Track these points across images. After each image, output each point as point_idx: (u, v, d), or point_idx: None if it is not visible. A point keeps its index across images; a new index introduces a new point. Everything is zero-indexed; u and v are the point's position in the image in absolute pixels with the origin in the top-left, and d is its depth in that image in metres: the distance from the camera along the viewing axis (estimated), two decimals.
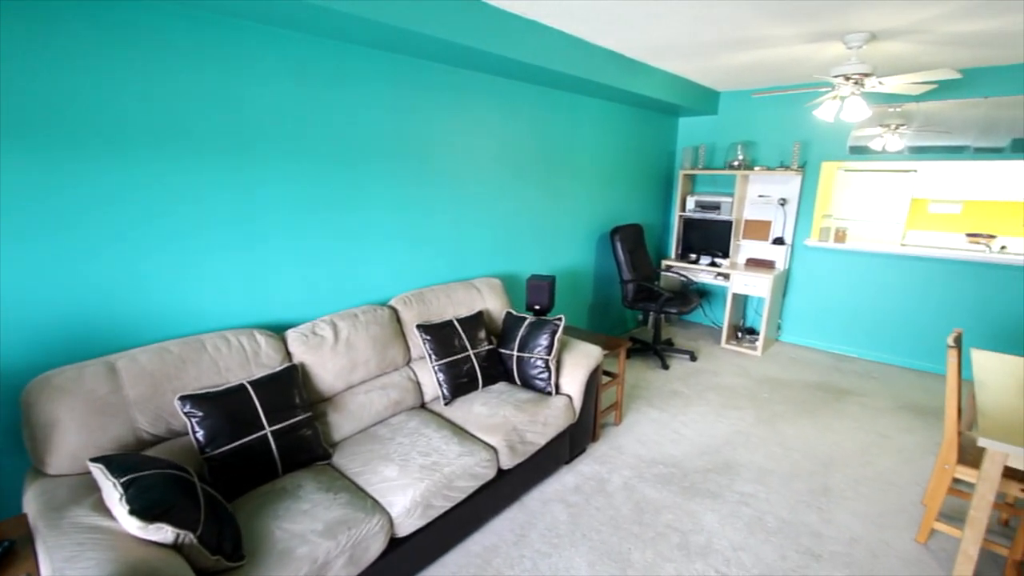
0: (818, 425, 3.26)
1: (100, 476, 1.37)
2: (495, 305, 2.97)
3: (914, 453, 2.95)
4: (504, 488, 2.28)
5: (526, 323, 2.71)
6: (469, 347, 2.60)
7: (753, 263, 4.71)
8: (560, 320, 2.64)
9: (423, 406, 2.55)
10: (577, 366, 2.67)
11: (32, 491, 1.50)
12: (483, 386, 2.62)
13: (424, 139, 2.77)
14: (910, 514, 2.41)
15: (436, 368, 2.49)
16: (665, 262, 5.01)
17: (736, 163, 4.64)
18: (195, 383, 1.84)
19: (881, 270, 4.26)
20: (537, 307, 3.15)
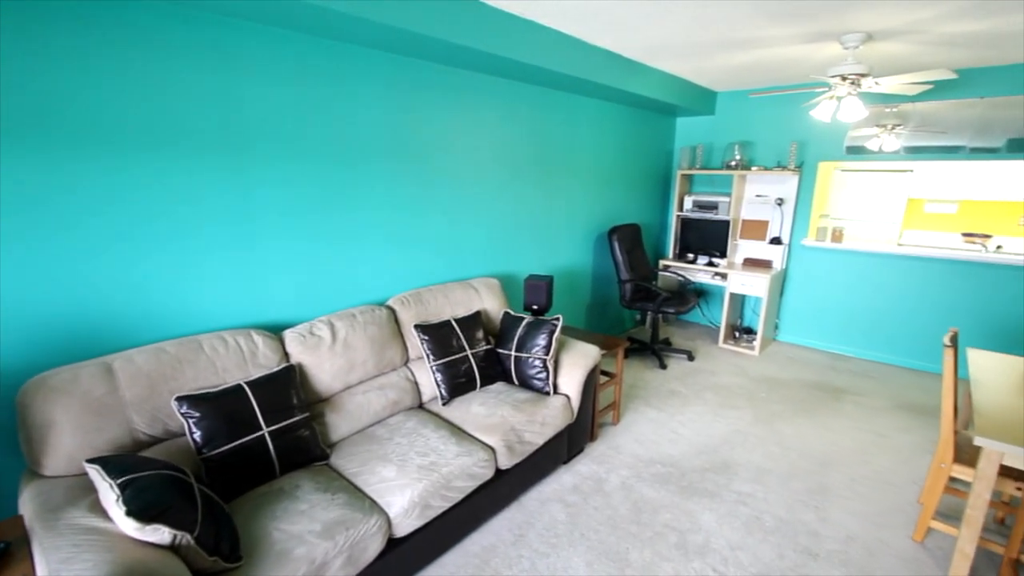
0: (815, 424, 3.27)
1: (97, 477, 1.36)
2: (493, 305, 2.97)
3: (911, 452, 2.96)
4: (502, 488, 2.28)
5: (524, 323, 2.71)
6: (467, 347, 2.60)
7: (750, 263, 4.72)
8: (558, 320, 2.64)
9: (421, 406, 2.55)
10: (575, 366, 2.67)
11: (28, 492, 1.49)
12: (481, 386, 2.62)
13: (422, 139, 2.77)
14: (907, 513, 2.42)
15: (434, 368, 2.49)
16: (663, 262, 5.02)
17: (733, 163, 4.65)
18: (192, 384, 1.83)
19: (878, 270, 4.27)
20: (535, 307, 3.15)
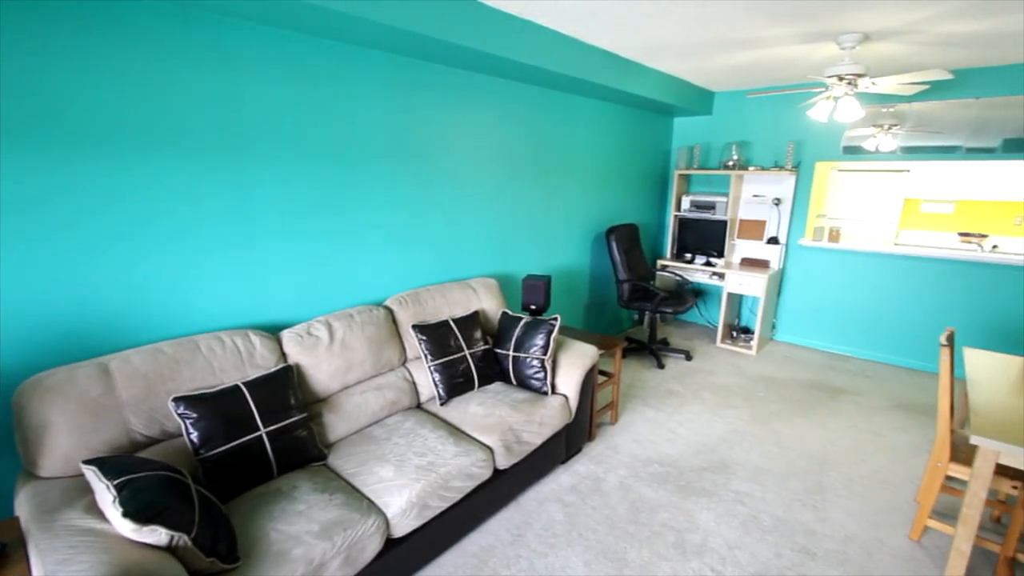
0: (813, 424, 3.27)
1: (93, 478, 1.35)
2: (491, 305, 2.97)
3: (907, 451, 2.97)
4: (500, 488, 2.28)
5: (522, 323, 2.71)
6: (465, 347, 2.60)
7: (748, 263, 4.73)
8: (556, 320, 2.64)
9: (419, 406, 2.55)
10: (573, 366, 2.68)
11: (24, 494, 1.49)
12: (479, 386, 2.62)
13: (421, 139, 2.77)
14: (904, 512, 2.43)
15: (432, 368, 2.49)
16: (660, 262, 5.02)
17: (731, 163, 4.66)
18: (189, 384, 1.83)
19: (875, 269, 4.29)
20: (533, 307, 3.15)
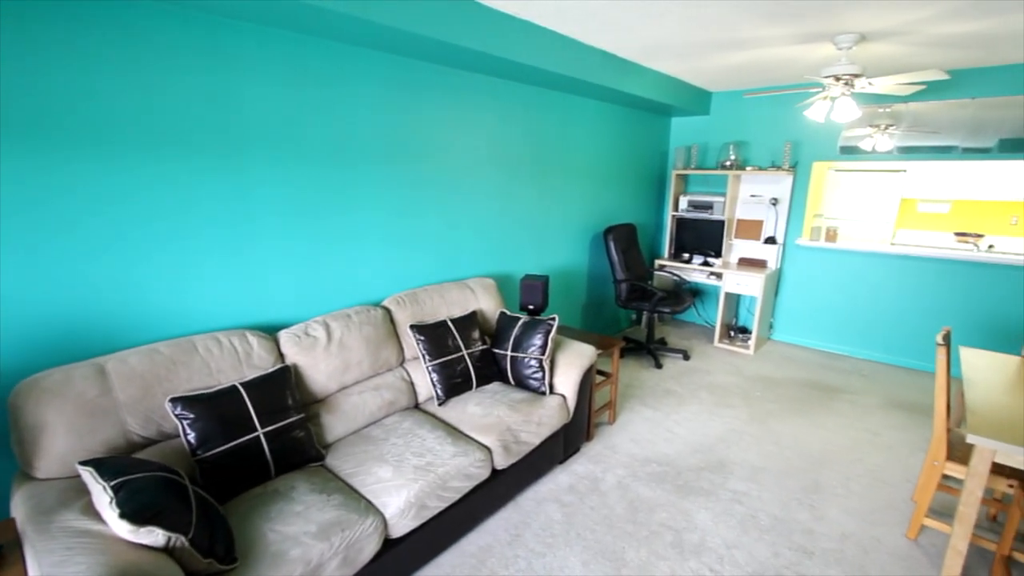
0: (810, 423, 3.28)
1: (90, 479, 1.35)
2: (489, 305, 2.97)
3: (904, 450, 2.98)
4: (498, 488, 2.28)
5: (520, 323, 2.71)
6: (463, 347, 2.60)
7: (745, 262, 4.74)
8: (554, 320, 2.64)
9: (417, 407, 2.55)
10: (571, 366, 2.68)
11: (20, 495, 1.48)
12: (477, 386, 2.62)
13: (418, 139, 2.77)
14: (900, 511, 2.44)
15: (430, 368, 2.49)
16: (658, 261, 5.03)
17: (728, 163, 4.67)
18: (186, 385, 1.82)
19: (871, 269, 4.30)
20: (531, 307, 3.15)
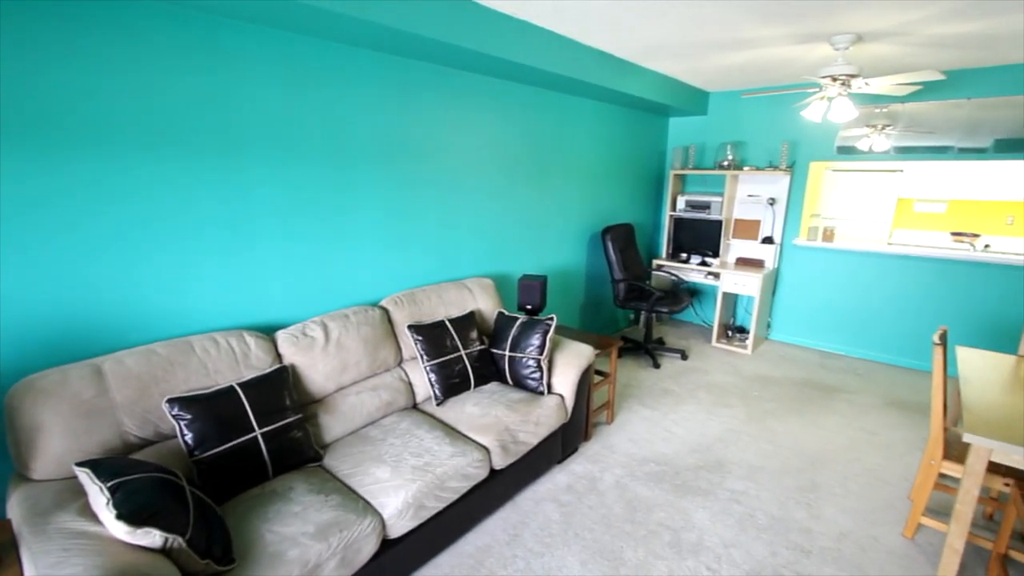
0: (807, 422, 3.29)
1: (86, 480, 1.35)
2: (487, 305, 2.97)
3: (901, 449, 2.99)
4: (497, 488, 2.28)
5: (518, 323, 2.71)
6: (461, 347, 2.60)
7: (743, 262, 4.75)
8: (552, 320, 2.64)
9: (415, 407, 2.54)
10: (569, 365, 2.68)
11: (16, 496, 1.48)
12: (475, 386, 2.62)
13: (416, 139, 2.76)
14: (897, 509, 2.45)
15: (428, 368, 2.49)
16: (656, 261, 5.03)
17: (726, 163, 4.68)
18: (183, 385, 1.82)
19: (868, 269, 4.31)
20: (529, 307, 3.15)
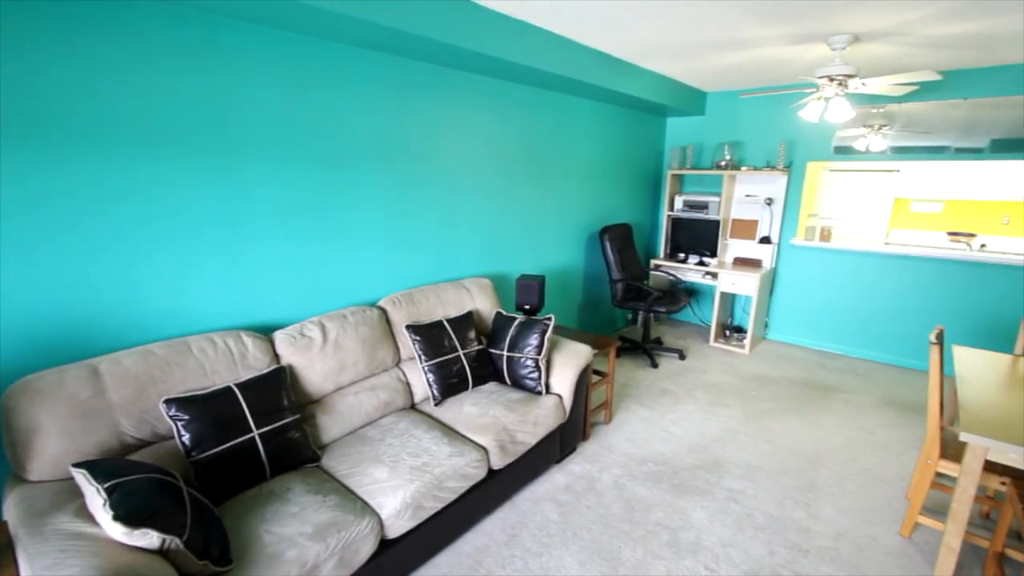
0: (805, 422, 3.30)
1: (83, 481, 1.34)
2: (485, 305, 2.97)
3: (898, 448, 3.00)
4: (495, 488, 2.28)
5: (516, 323, 2.71)
6: (459, 347, 2.59)
7: (740, 262, 4.76)
8: (550, 320, 2.64)
9: (413, 407, 2.54)
10: (567, 365, 2.68)
11: (12, 498, 1.47)
12: (473, 386, 2.62)
13: (414, 139, 2.76)
14: (894, 508, 2.45)
15: (426, 369, 2.48)
16: (654, 261, 5.04)
17: (723, 163, 4.68)
18: (180, 386, 1.81)
19: (865, 268, 4.32)
20: (527, 307, 3.15)
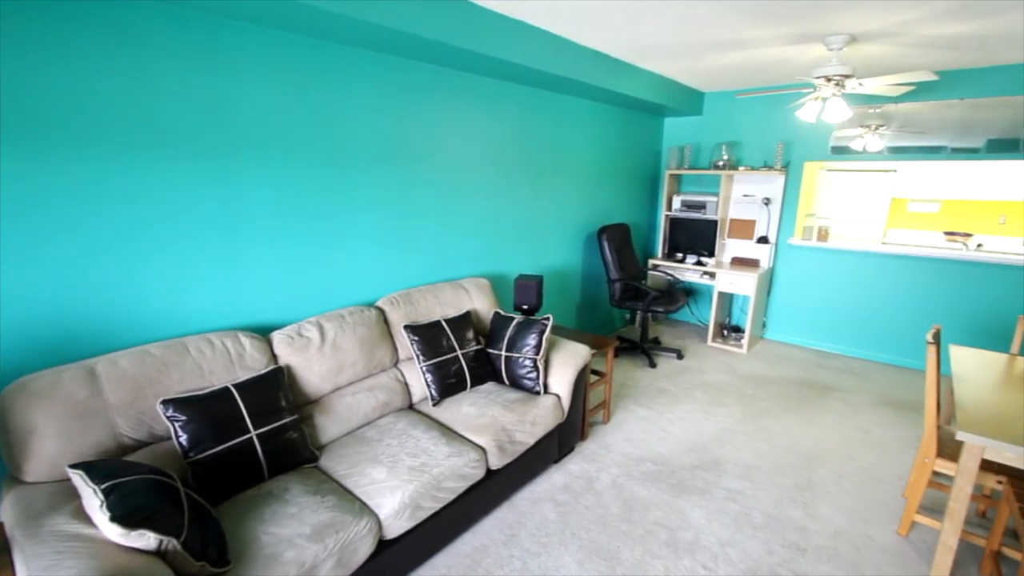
0: (802, 421, 3.30)
1: (80, 483, 1.33)
2: (483, 305, 2.97)
3: (895, 447, 3.01)
4: (493, 488, 2.28)
5: (514, 323, 2.71)
6: (457, 347, 2.59)
7: (738, 262, 4.77)
8: (548, 320, 2.64)
9: (411, 407, 2.54)
10: (565, 365, 2.68)
11: (9, 499, 1.46)
12: (471, 386, 2.62)
13: (411, 139, 2.76)
14: (892, 507, 2.46)
15: (424, 369, 2.48)
16: (652, 261, 5.04)
17: (721, 163, 4.69)
18: (178, 386, 1.81)
19: (863, 268, 4.33)
20: (525, 307, 3.15)
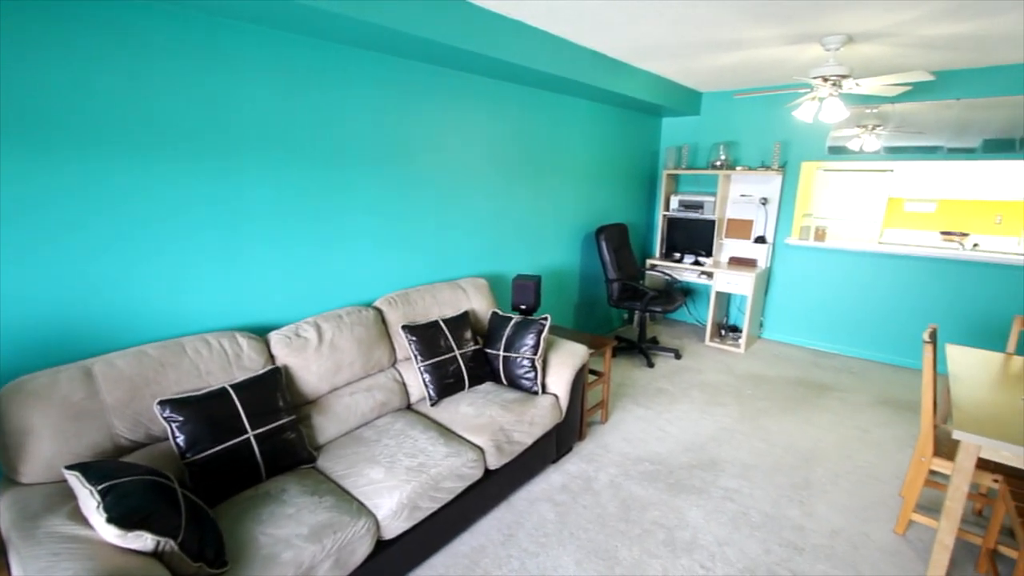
0: (800, 421, 3.31)
1: (76, 484, 1.33)
2: (481, 305, 2.97)
3: (892, 446, 3.01)
4: (491, 488, 2.28)
5: (512, 323, 2.71)
6: (455, 347, 2.59)
7: (736, 262, 4.78)
8: (546, 320, 2.65)
9: (409, 407, 2.54)
10: (563, 365, 2.68)
11: (5, 500, 1.46)
12: (469, 386, 2.62)
13: (410, 140, 2.76)
14: (889, 506, 2.47)
15: (422, 369, 2.48)
16: (650, 261, 5.05)
17: (718, 163, 4.70)
18: (175, 387, 1.80)
19: (860, 268, 4.35)
20: (523, 307, 3.15)
